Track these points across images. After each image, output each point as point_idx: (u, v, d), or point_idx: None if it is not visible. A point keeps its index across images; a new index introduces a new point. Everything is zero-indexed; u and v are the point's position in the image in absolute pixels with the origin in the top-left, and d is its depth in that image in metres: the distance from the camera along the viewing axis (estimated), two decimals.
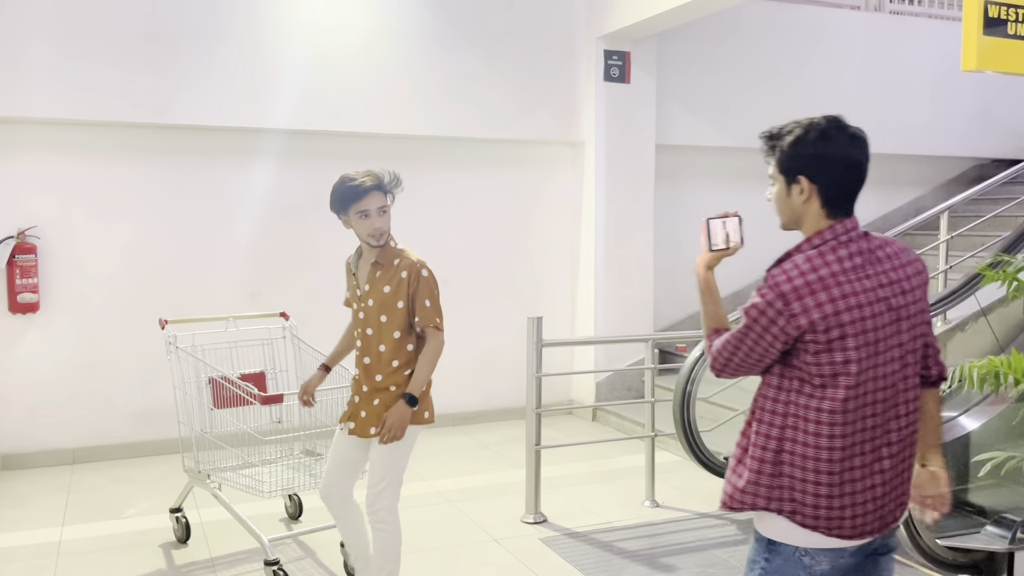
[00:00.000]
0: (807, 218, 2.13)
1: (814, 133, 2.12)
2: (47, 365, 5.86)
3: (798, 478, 2.05)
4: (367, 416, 3.30)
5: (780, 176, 2.18)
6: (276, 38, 6.13)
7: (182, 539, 4.39)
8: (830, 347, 1.99)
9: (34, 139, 5.78)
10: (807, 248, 2.09)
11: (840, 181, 2.11)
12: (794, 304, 2.00)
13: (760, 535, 2.15)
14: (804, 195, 2.11)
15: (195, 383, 4.20)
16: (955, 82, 8.52)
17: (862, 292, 2.03)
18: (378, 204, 3.24)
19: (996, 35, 3.29)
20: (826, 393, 2.02)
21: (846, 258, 2.06)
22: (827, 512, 2.03)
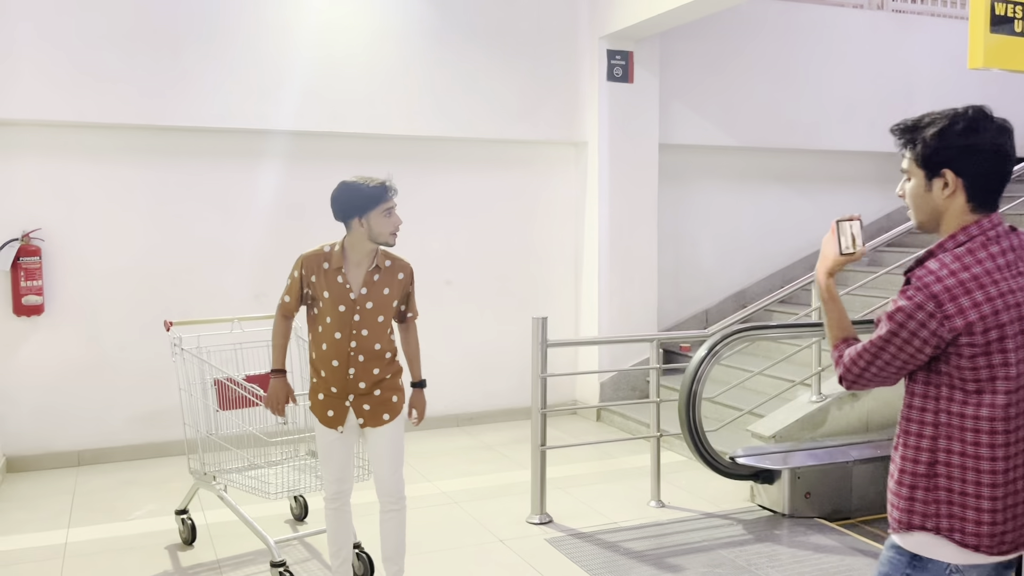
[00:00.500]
0: (949, 215, 1.98)
1: (962, 124, 1.95)
2: (52, 367, 5.86)
3: (956, 491, 1.93)
4: (372, 408, 3.43)
5: (919, 170, 2.00)
6: (280, 39, 6.13)
7: (188, 541, 4.40)
8: (988, 350, 1.88)
9: (38, 142, 5.79)
10: (952, 246, 1.95)
11: (989, 174, 1.96)
12: (948, 305, 1.87)
13: (903, 548, 2.01)
14: (948, 190, 1.96)
15: (200, 385, 4.18)
16: (958, 80, 8.49)
17: (1019, 290, 1.91)
18: (394, 203, 3.42)
19: (1003, 33, 3.28)
20: (983, 399, 1.90)
21: (998, 255, 1.93)
22: (990, 529, 1.92)
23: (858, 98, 8.10)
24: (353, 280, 3.39)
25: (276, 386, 3.53)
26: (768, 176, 8.06)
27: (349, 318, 3.39)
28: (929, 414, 1.97)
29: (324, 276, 3.40)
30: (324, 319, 3.41)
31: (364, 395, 3.42)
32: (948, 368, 1.92)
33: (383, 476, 3.49)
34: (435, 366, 4.38)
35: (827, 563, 4.17)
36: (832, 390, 5.45)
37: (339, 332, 3.39)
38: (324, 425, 3.46)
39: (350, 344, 3.39)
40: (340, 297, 3.38)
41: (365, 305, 3.38)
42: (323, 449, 3.50)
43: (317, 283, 3.40)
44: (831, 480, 4.85)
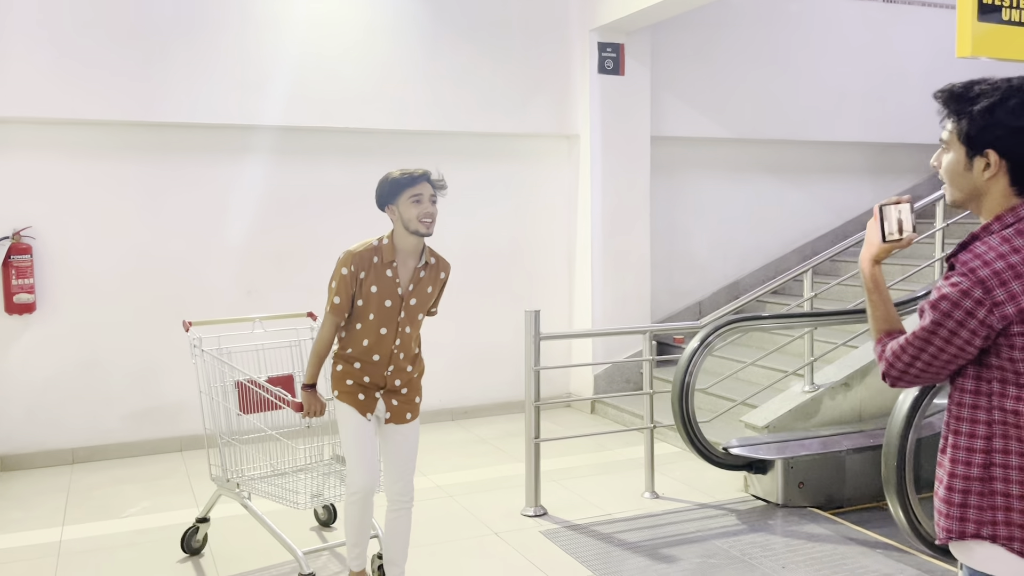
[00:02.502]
0: (990, 196, 1.82)
1: (1015, 101, 1.78)
2: (44, 365, 5.85)
3: (1015, 495, 1.77)
4: (400, 404, 3.48)
5: (961, 146, 1.83)
6: (269, 34, 6.11)
7: (198, 550, 4.24)
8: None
9: (26, 139, 5.76)
10: (998, 228, 1.79)
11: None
12: (997, 291, 1.72)
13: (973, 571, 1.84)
14: (991, 171, 1.80)
15: (221, 387, 4.02)
16: (949, 69, 8.47)
17: None
18: (429, 192, 3.39)
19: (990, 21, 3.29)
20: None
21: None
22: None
23: (849, 88, 8.11)
24: (403, 276, 3.39)
25: (310, 399, 3.52)
26: (760, 167, 8.07)
27: (395, 314, 3.37)
28: (982, 411, 1.80)
29: (373, 269, 3.36)
30: (367, 315, 3.35)
31: (394, 391, 3.46)
32: (1000, 361, 1.77)
33: (399, 474, 3.48)
34: (429, 360, 4.36)
35: (820, 552, 4.18)
36: (824, 380, 5.47)
37: (384, 328, 3.37)
38: (355, 409, 3.41)
39: (395, 342, 3.39)
40: (388, 292, 3.36)
41: (410, 302, 3.40)
42: (352, 436, 3.42)
43: (366, 279, 3.35)
44: (824, 470, 4.87)
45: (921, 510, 3.89)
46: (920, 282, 6.11)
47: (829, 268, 7.48)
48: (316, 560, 4.13)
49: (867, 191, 8.60)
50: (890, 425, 3.93)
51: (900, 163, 8.72)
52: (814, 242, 8.26)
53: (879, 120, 8.26)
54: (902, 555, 4.12)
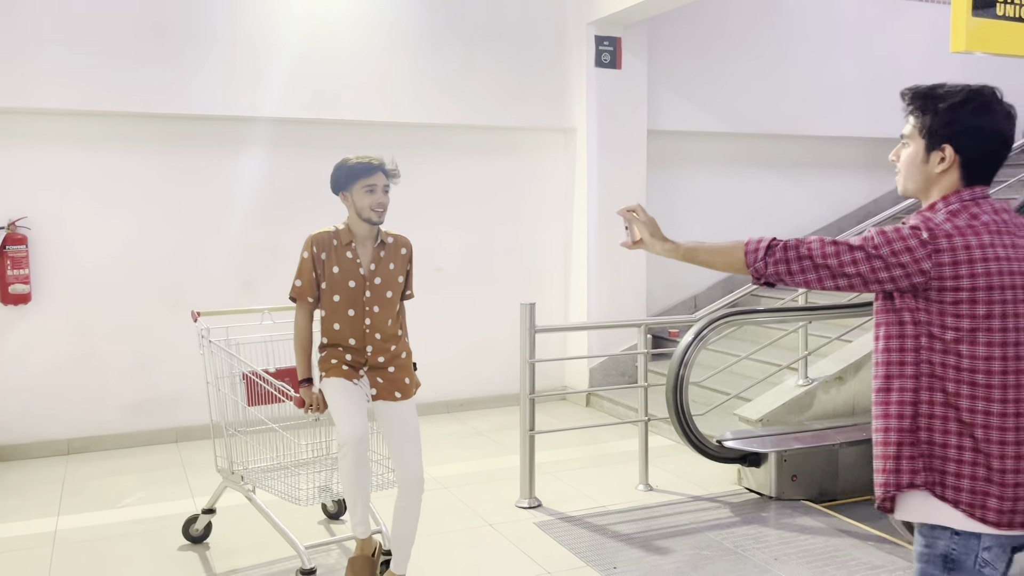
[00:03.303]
0: (939, 187, 2.00)
1: (975, 103, 1.96)
2: (40, 356, 5.85)
3: (938, 443, 1.90)
4: (385, 382, 3.51)
5: (921, 140, 2.02)
6: (266, 26, 6.10)
7: (199, 539, 4.26)
8: (974, 298, 1.85)
9: (23, 129, 5.75)
10: (943, 206, 1.96)
11: (987, 157, 1.97)
12: (942, 240, 1.87)
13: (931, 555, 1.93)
14: (944, 164, 1.97)
15: (228, 379, 3.99)
16: (945, 65, 8.51)
17: (1011, 247, 1.90)
18: (383, 182, 3.46)
19: (985, 16, 3.30)
20: (961, 349, 1.87)
21: (988, 213, 1.94)
22: (971, 484, 1.87)
23: (846, 83, 8.12)
24: (363, 255, 3.48)
25: (309, 393, 3.53)
26: (756, 162, 8.08)
27: (360, 294, 3.45)
28: (909, 367, 1.93)
29: (334, 252, 3.46)
30: (332, 296, 3.46)
31: (380, 368, 3.51)
32: (929, 316, 1.90)
33: (405, 459, 3.47)
34: (425, 353, 4.38)
35: (813, 544, 4.21)
36: (818, 374, 5.50)
37: (352, 309, 3.46)
38: (340, 377, 3.45)
39: (364, 321, 3.46)
40: (350, 272, 3.45)
41: (374, 281, 3.48)
42: (338, 394, 3.43)
43: (328, 260, 3.45)
44: (817, 463, 4.90)
45: None
46: None
47: None
48: (321, 554, 4.10)
49: (863, 186, 8.62)
50: None
51: None
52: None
53: (875, 115, 8.27)
54: (894, 548, 4.15)
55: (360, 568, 3.59)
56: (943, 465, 1.89)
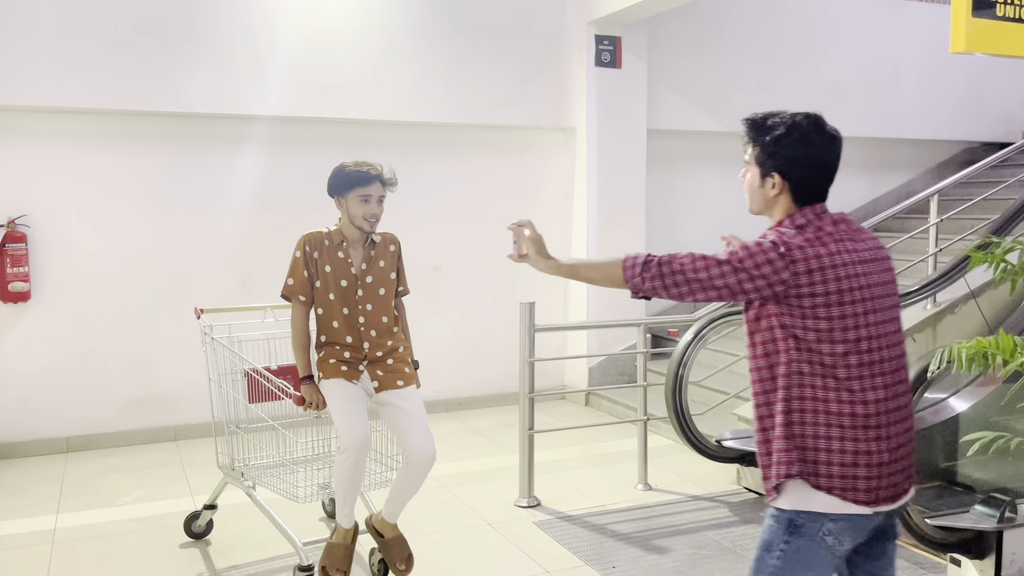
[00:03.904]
0: (778, 208, 2.21)
1: (796, 134, 2.19)
2: (40, 354, 5.85)
3: (810, 435, 2.07)
4: (386, 374, 3.55)
5: (756, 167, 2.24)
6: (267, 24, 6.10)
7: (200, 535, 4.27)
8: (827, 300, 2.05)
9: (22, 127, 5.75)
10: (789, 223, 2.16)
11: (812, 181, 2.19)
12: (796, 252, 2.06)
13: (779, 515, 2.13)
14: (776, 190, 2.19)
15: (230, 376, 4.00)
16: (945, 65, 8.53)
17: (855, 251, 2.11)
18: (379, 193, 3.50)
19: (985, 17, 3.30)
20: (822, 348, 2.06)
21: (831, 225, 2.14)
22: (841, 471, 2.05)
23: (846, 83, 8.13)
24: (354, 256, 3.53)
25: (310, 391, 3.55)
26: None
27: (352, 293, 3.50)
28: (781, 367, 2.10)
29: (326, 251, 3.50)
30: (327, 295, 3.49)
31: (379, 362, 3.54)
32: (792, 320, 2.08)
33: (417, 437, 3.47)
34: (424, 351, 4.38)
35: None
36: None
37: (346, 308, 3.51)
38: (339, 378, 3.47)
39: (359, 319, 3.50)
40: (342, 272, 3.49)
41: (366, 279, 3.52)
42: (338, 397, 3.46)
43: (320, 259, 3.49)
44: None
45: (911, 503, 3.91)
46: (913, 276, 6.14)
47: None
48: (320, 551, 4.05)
49: (862, 186, 8.63)
50: None
51: (896, 158, 8.74)
52: None
53: (875, 115, 8.28)
54: None
55: (339, 556, 3.60)
56: (815, 456, 2.07)
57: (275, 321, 4.17)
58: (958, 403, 5.39)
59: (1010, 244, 3.63)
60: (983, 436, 3.44)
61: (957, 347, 3.29)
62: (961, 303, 5.80)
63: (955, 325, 5.79)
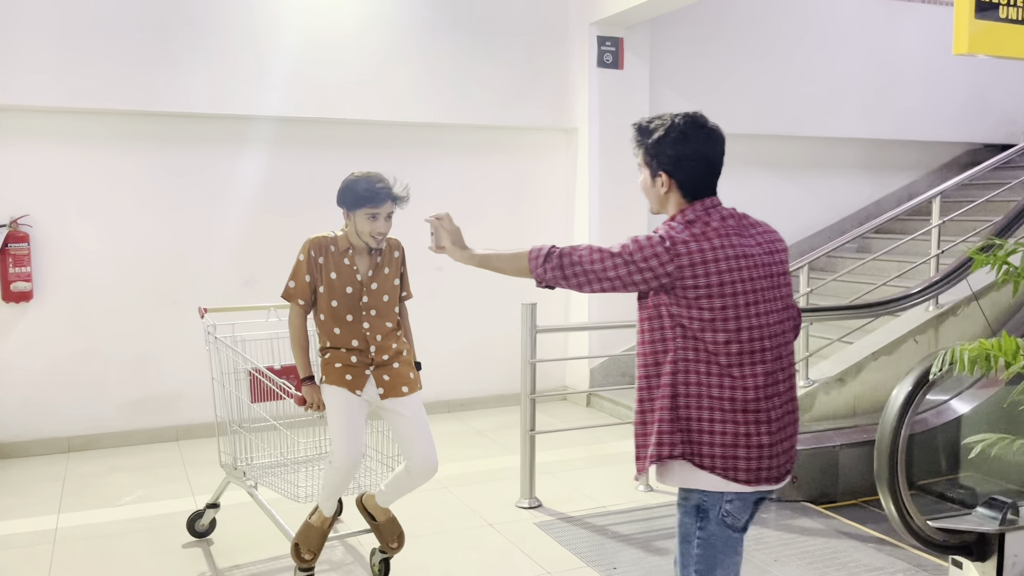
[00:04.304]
0: (670, 204, 2.37)
1: (674, 133, 2.32)
2: (42, 354, 5.85)
3: (695, 419, 2.23)
4: (392, 379, 3.52)
5: (646, 168, 2.39)
6: (268, 24, 6.10)
7: (203, 534, 4.28)
8: (710, 293, 2.19)
9: (25, 127, 5.75)
10: (680, 219, 2.31)
11: (697, 175, 2.32)
12: (680, 247, 2.21)
13: (687, 507, 2.31)
14: (665, 187, 2.34)
15: (233, 375, 4.01)
16: (948, 67, 8.52)
17: (740, 246, 2.25)
18: (388, 211, 3.47)
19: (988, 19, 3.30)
20: (706, 336, 2.21)
21: (717, 221, 2.29)
22: (723, 452, 2.22)
23: (848, 84, 8.12)
24: (359, 263, 3.51)
25: (310, 391, 3.54)
26: (757, 163, 8.08)
27: (357, 300, 3.48)
28: (669, 354, 2.26)
29: (332, 257, 3.48)
30: (330, 301, 3.47)
31: (385, 365, 3.52)
32: (679, 310, 2.23)
33: (421, 447, 3.47)
34: (425, 352, 4.38)
35: (813, 545, 4.21)
36: (819, 375, 5.49)
37: (350, 315, 3.48)
38: (343, 388, 3.46)
39: (363, 325, 3.48)
40: (347, 279, 3.47)
41: (371, 287, 3.50)
42: (339, 411, 3.45)
43: (325, 264, 3.47)
44: (818, 464, 4.90)
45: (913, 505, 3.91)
46: (915, 278, 6.13)
47: (825, 264, 7.50)
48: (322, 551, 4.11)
49: (865, 187, 8.62)
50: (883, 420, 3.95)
51: (898, 159, 8.74)
52: (811, 238, 8.27)
53: (877, 116, 8.27)
54: (894, 549, 4.15)
55: (314, 538, 3.62)
56: (699, 437, 2.23)
57: (278, 321, 4.16)
58: (960, 405, 5.39)
59: (1013, 246, 3.63)
60: (985, 438, 3.44)
61: (959, 349, 3.29)
62: (963, 305, 5.79)
63: (957, 327, 5.78)
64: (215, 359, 4.01)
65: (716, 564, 2.30)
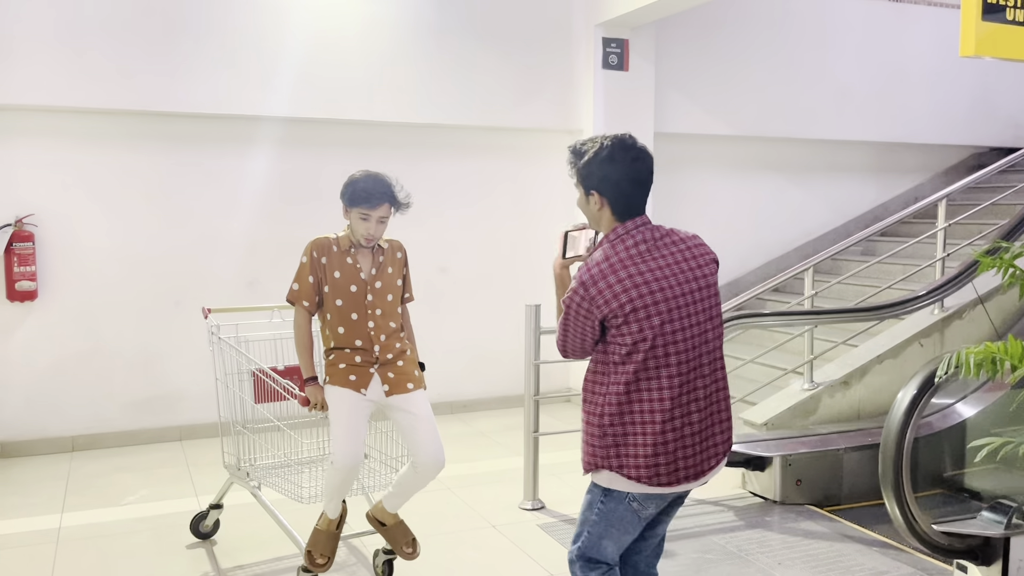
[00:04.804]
0: (603, 221, 2.53)
1: (603, 154, 2.48)
2: (45, 353, 5.86)
3: (620, 434, 2.44)
4: (396, 376, 3.54)
5: (580, 187, 2.56)
6: (274, 25, 6.11)
7: (207, 535, 4.28)
8: (626, 320, 2.39)
9: (31, 126, 5.76)
10: (605, 243, 2.50)
11: (624, 195, 2.48)
12: (591, 288, 2.41)
13: (598, 486, 2.55)
14: (597, 205, 2.51)
15: (236, 376, 4.01)
16: (954, 70, 8.50)
17: (648, 272, 2.43)
18: (382, 214, 3.46)
19: (995, 21, 3.29)
20: (631, 359, 2.40)
21: (632, 247, 2.46)
22: (646, 461, 2.41)
23: (854, 87, 8.10)
24: (362, 262, 3.53)
25: (314, 392, 3.54)
26: (763, 165, 8.06)
27: (362, 299, 3.49)
28: (600, 376, 2.49)
29: (334, 257, 3.50)
30: (335, 301, 3.48)
31: (389, 364, 3.53)
32: (608, 338, 2.46)
33: (427, 442, 3.47)
34: (429, 353, 4.38)
35: (817, 549, 4.20)
36: (824, 378, 5.48)
37: (355, 313, 3.49)
38: (347, 388, 3.46)
39: (368, 324, 3.49)
40: (351, 278, 3.49)
41: (375, 285, 3.52)
42: (342, 411, 3.45)
43: (328, 265, 3.49)
44: (822, 467, 4.88)
45: (918, 508, 3.90)
46: (921, 281, 6.11)
47: (830, 267, 7.48)
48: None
49: (870, 190, 8.60)
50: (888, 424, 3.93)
51: (904, 163, 8.71)
52: (815, 241, 8.25)
53: (884, 119, 8.25)
54: (898, 553, 4.14)
55: (323, 542, 3.62)
56: (626, 451, 2.43)
57: (282, 321, 4.16)
58: (965, 409, 5.37)
59: (1019, 249, 3.61)
60: (991, 442, 3.42)
61: (965, 352, 3.28)
62: (969, 308, 5.77)
63: (963, 330, 5.76)
64: (219, 360, 4.00)
65: (605, 535, 2.55)
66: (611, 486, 2.50)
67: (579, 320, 2.45)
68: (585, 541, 2.59)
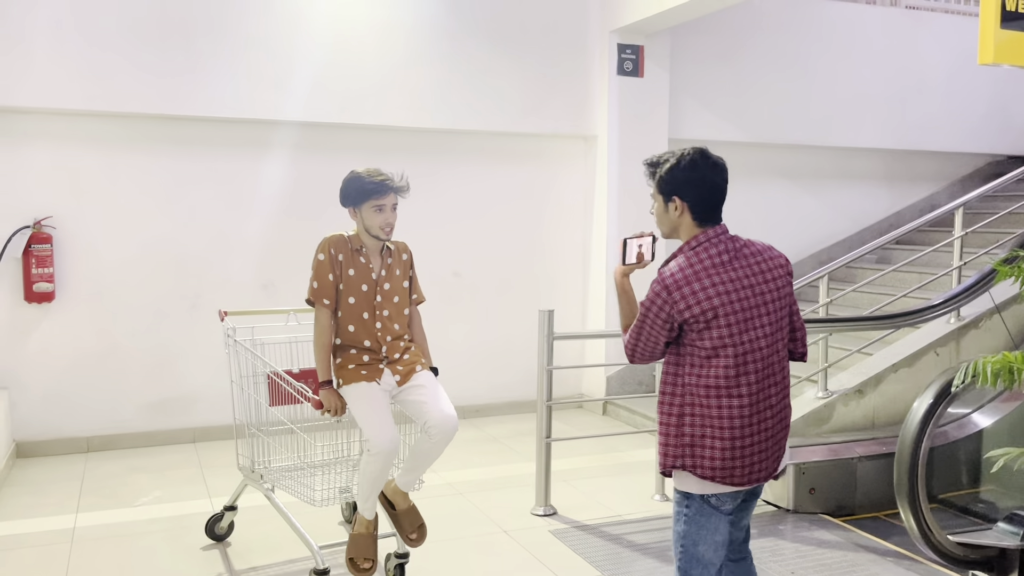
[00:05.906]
0: (682, 228, 2.65)
1: (684, 161, 2.61)
2: (62, 354, 5.91)
3: (697, 436, 2.54)
4: (405, 367, 3.60)
5: (659, 196, 2.67)
6: (290, 30, 6.14)
7: (222, 537, 4.30)
8: (708, 326, 2.50)
9: (50, 130, 5.82)
10: (686, 249, 2.60)
11: (705, 199, 2.62)
12: (675, 293, 2.51)
13: (678, 491, 2.65)
14: (678, 211, 2.63)
15: (252, 379, 4.01)
16: (971, 77, 8.46)
17: (729, 281, 2.54)
18: (392, 201, 3.53)
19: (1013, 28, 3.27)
20: (711, 364, 2.51)
21: (716, 255, 2.57)
22: (722, 463, 2.52)
23: (869, 95, 8.07)
24: (373, 262, 3.58)
25: (328, 395, 3.55)
26: (778, 172, 8.04)
27: (372, 298, 3.53)
28: (678, 378, 2.58)
29: (349, 255, 3.54)
30: (348, 299, 3.52)
31: (396, 361, 3.60)
32: (686, 342, 2.56)
33: (439, 405, 3.51)
34: (442, 357, 4.38)
35: (829, 558, 4.17)
36: (838, 387, 5.45)
37: (365, 312, 3.54)
38: (361, 382, 3.49)
39: (376, 325, 3.54)
40: (363, 277, 3.54)
41: (383, 286, 3.57)
42: (364, 401, 3.47)
43: (344, 262, 3.53)
44: (836, 476, 4.86)
45: (933, 519, 3.87)
46: (937, 290, 6.08)
47: (845, 274, 7.44)
48: (336, 555, 4.04)
49: (884, 198, 8.56)
50: (903, 433, 3.91)
51: (918, 170, 8.67)
52: (830, 248, 8.22)
53: (898, 127, 8.22)
54: (913, 564, 4.11)
55: (364, 546, 3.61)
56: (701, 452, 2.54)
57: (297, 324, 4.18)
58: (982, 418, 5.33)
59: None
60: (1007, 452, 3.40)
61: (982, 361, 3.26)
62: (985, 317, 5.73)
63: (979, 340, 5.72)
64: (234, 362, 4.02)
65: (699, 540, 2.62)
66: (686, 488, 2.61)
67: (657, 324, 2.55)
68: (682, 556, 2.66)
